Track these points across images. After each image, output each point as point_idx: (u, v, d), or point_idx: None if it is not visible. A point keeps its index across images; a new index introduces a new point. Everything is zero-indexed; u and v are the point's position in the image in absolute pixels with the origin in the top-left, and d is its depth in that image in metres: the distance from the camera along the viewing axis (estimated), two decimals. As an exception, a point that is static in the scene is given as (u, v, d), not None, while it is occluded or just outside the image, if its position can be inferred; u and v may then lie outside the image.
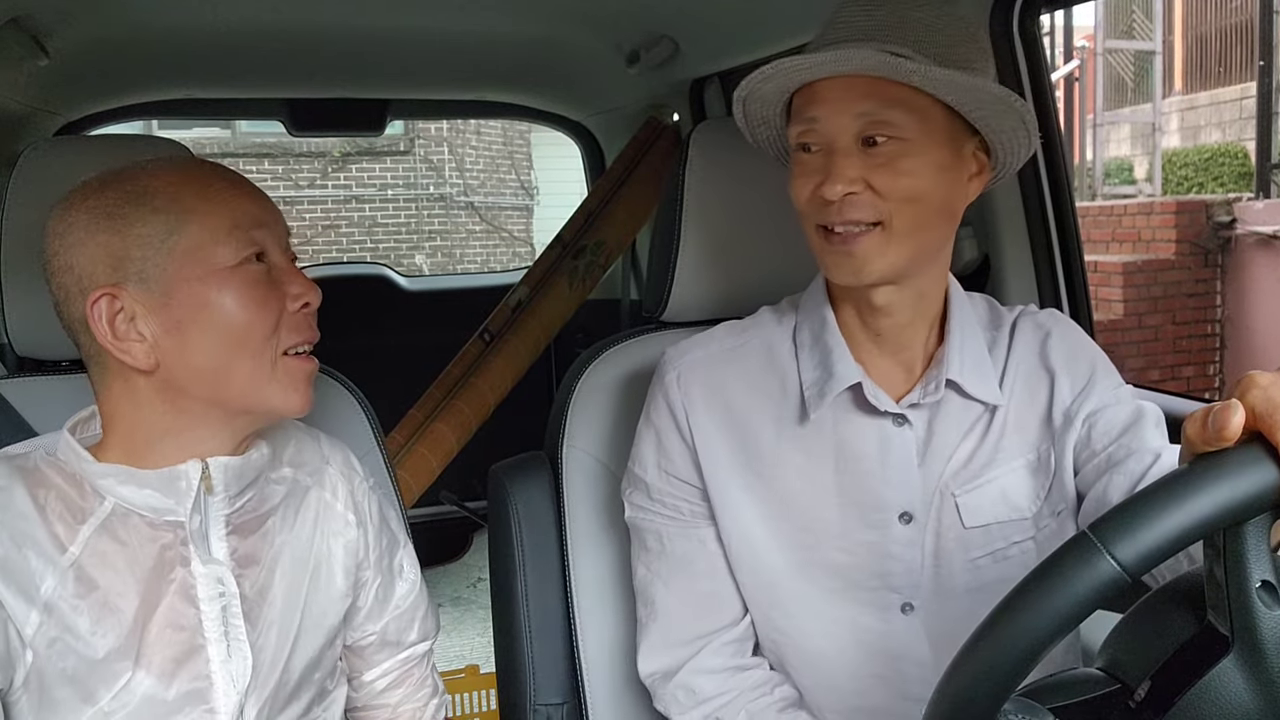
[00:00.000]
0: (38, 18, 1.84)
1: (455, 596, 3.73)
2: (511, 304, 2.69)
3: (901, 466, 1.04)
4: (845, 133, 0.96)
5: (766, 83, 0.98)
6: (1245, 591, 0.60)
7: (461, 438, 2.54)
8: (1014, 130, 1.00)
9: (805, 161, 0.99)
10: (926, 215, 0.98)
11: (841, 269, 0.98)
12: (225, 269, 0.89)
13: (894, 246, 0.97)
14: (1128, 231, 6.16)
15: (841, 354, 1.05)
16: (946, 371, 1.03)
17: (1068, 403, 1.06)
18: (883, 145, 0.95)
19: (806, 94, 0.98)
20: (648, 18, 2.17)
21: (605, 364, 1.29)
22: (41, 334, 1.16)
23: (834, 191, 0.95)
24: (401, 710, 1.17)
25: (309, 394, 0.96)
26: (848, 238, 0.97)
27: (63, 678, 0.86)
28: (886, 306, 1.03)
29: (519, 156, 10.07)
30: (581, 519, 1.24)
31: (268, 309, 0.91)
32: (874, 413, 1.04)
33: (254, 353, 0.91)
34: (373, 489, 1.11)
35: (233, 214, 0.91)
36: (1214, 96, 7.86)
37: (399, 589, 1.13)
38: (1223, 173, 7.28)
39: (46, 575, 0.86)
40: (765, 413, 1.08)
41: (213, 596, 0.92)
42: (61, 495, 0.89)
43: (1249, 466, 0.59)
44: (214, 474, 0.93)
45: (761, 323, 1.14)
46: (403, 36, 2.25)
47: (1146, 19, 7.99)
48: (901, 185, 0.95)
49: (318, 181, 8.99)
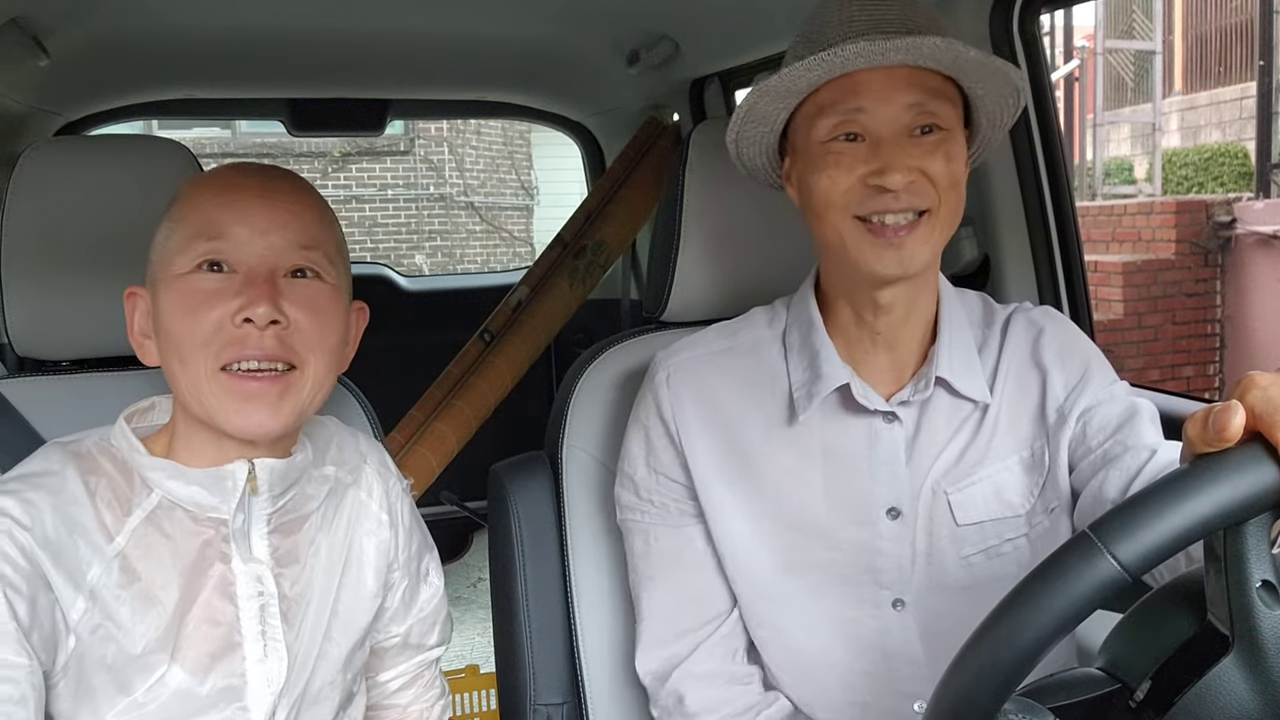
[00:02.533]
0: (38, 18, 1.84)
1: (455, 596, 3.73)
2: (511, 304, 2.69)
3: (889, 462, 1.05)
4: (895, 122, 0.97)
5: (809, 71, 0.96)
6: (1245, 591, 0.60)
7: (462, 438, 2.54)
8: (1005, 107, 1.04)
9: (845, 152, 0.98)
10: (960, 202, 1.01)
11: (886, 260, 0.98)
12: (175, 276, 0.90)
13: (937, 234, 0.99)
14: (1128, 231, 6.16)
15: (829, 355, 1.06)
16: (936, 369, 1.04)
17: (1061, 399, 1.06)
18: (933, 134, 0.98)
19: (843, 85, 0.98)
20: (648, 18, 2.16)
21: (605, 364, 1.29)
22: (41, 334, 1.16)
23: (895, 181, 0.95)
24: (410, 711, 1.18)
25: (268, 416, 0.89)
26: (897, 229, 0.97)
27: (101, 665, 0.87)
28: (890, 304, 1.03)
29: (519, 156, 10.06)
30: (581, 519, 1.24)
31: (199, 318, 0.88)
32: (863, 411, 1.05)
33: (187, 363, 0.89)
34: (405, 491, 1.11)
35: (199, 223, 0.90)
36: (1214, 96, 7.86)
37: (424, 593, 1.14)
38: (1223, 173, 7.28)
39: (93, 563, 0.87)
40: (754, 413, 1.09)
41: (251, 595, 0.93)
42: (112, 484, 0.91)
43: (1249, 466, 0.59)
44: (260, 475, 0.93)
45: (753, 324, 1.14)
46: (403, 36, 2.25)
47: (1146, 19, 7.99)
48: (951, 171, 0.98)
49: (318, 181, 8.93)
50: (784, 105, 1.03)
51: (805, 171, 1.02)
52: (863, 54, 0.93)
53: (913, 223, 0.97)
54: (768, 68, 2.27)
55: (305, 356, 0.91)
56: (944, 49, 0.93)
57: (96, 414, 0.98)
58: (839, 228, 0.99)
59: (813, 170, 1.00)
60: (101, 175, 1.17)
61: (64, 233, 1.14)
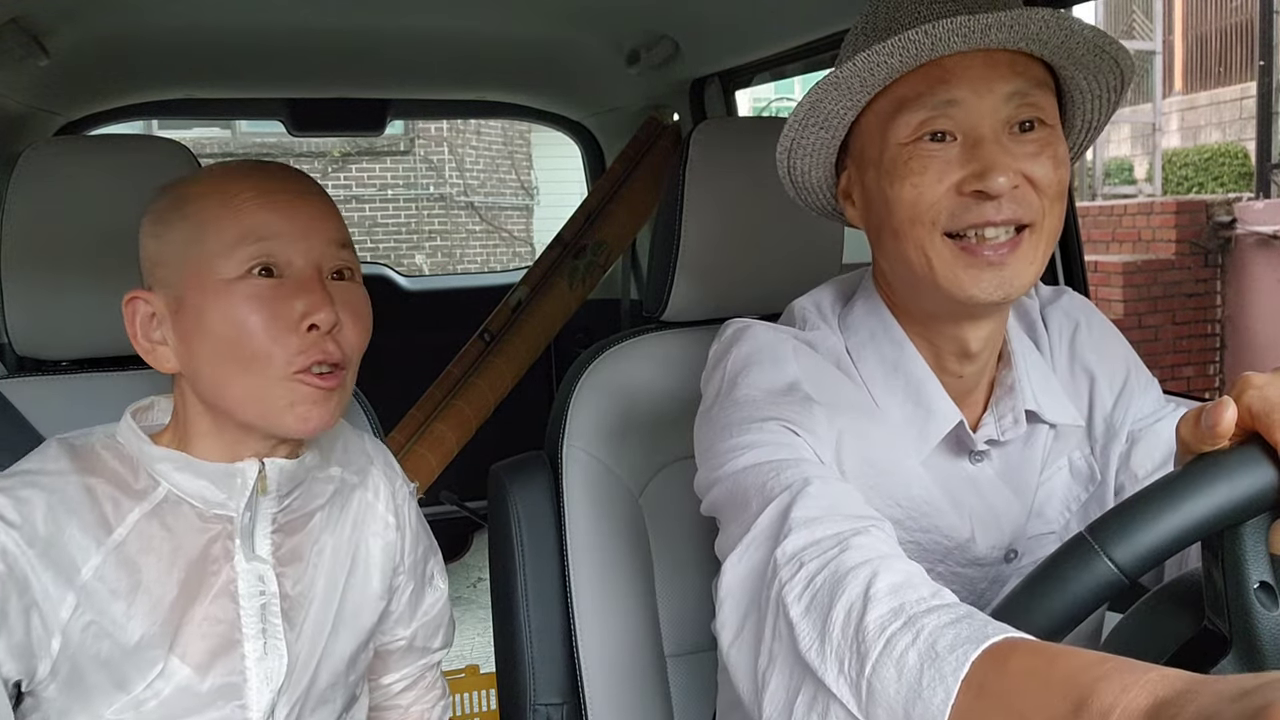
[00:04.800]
0: (38, 18, 1.84)
1: (455, 596, 3.72)
2: (511, 304, 2.69)
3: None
4: (994, 116, 0.82)
5: (892, 56, 0.80)
6: (1243, 592, 0.60)
7: (462, 438, 2.54)
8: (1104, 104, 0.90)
9: (934, 154, 0.82)
10: (1064, 214, 0.86)
11: (985, 283, 0.82)
12: (224, 282, 0.87)
13: (1041, 252, 0.84)
14: (1128, 231, 6.16)
15: (935, 387, 0.91)
16: (1023, 401, 0.93)
17: (1109, 409, 0.98)
18: (1037, 131, 0.83)
19: (931, 74, 0.82)
20: (648, 18, 2.16)
21: (605, 364, 1.29)
22: (41, 334, 1.16)
23: (999, 185, 0.80)
24: (412, 712, 1.19)
25: (324, 415, 0.90)
26: (997, 246, 0.82)
27: (96, 662, 0.86)
28: (982, 348, 0.90)
29: (519, 156, 10.06)
30: (581, 519, 1.24)
31: (266, 326, 0.87)
32: (958, 451, 0.93)
33: (251, 370, 0.87)
34: (411, 494, 1.11)
35: (243, 225, 0.88)
36: (1214, 96, 7.86)
37: (429, 597, 1.14)
38: (1223, 173, 7.28)
39: (91, 555, 0.86)
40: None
41: (253, 594, 0.93)
42: (114, 478, 0.90)
43: (1246, 467, 0.59)
44: (270, 474, 0.93)
45: (818, 334, 0.97)
46: (403, 36, 2.25)
47: (1146, 19, 7.99)
48: (1059, 176, 0.83)
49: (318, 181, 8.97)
50: (854, 103, 0.86)
51: (879, 182, 0.86)
52: (959, 31, 0.77)
53: (1013, 239, 0.82)
54: (768, 67, 2.27)
55: (351, 357, 0.93)
56: (1055, 24, 0.78)
57: (96, 414, 0.98)
58: (925, 248, 0.84)
59: (892, 178, 0.84)
60: (101, 175, 1.17)
61: (64, 233, 1.14)
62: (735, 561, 0.75)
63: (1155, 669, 0.48)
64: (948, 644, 0.56)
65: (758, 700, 0.69)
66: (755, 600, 0.73)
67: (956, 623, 0.58)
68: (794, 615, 0.66)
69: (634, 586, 1.24)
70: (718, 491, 0.85)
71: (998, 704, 0.52)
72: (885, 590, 0.63)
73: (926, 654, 0.57)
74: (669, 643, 1.25)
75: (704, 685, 1.23)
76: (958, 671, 0.55)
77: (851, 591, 0.64)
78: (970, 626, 0.57)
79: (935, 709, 0.54)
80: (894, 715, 0.57)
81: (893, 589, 0.63)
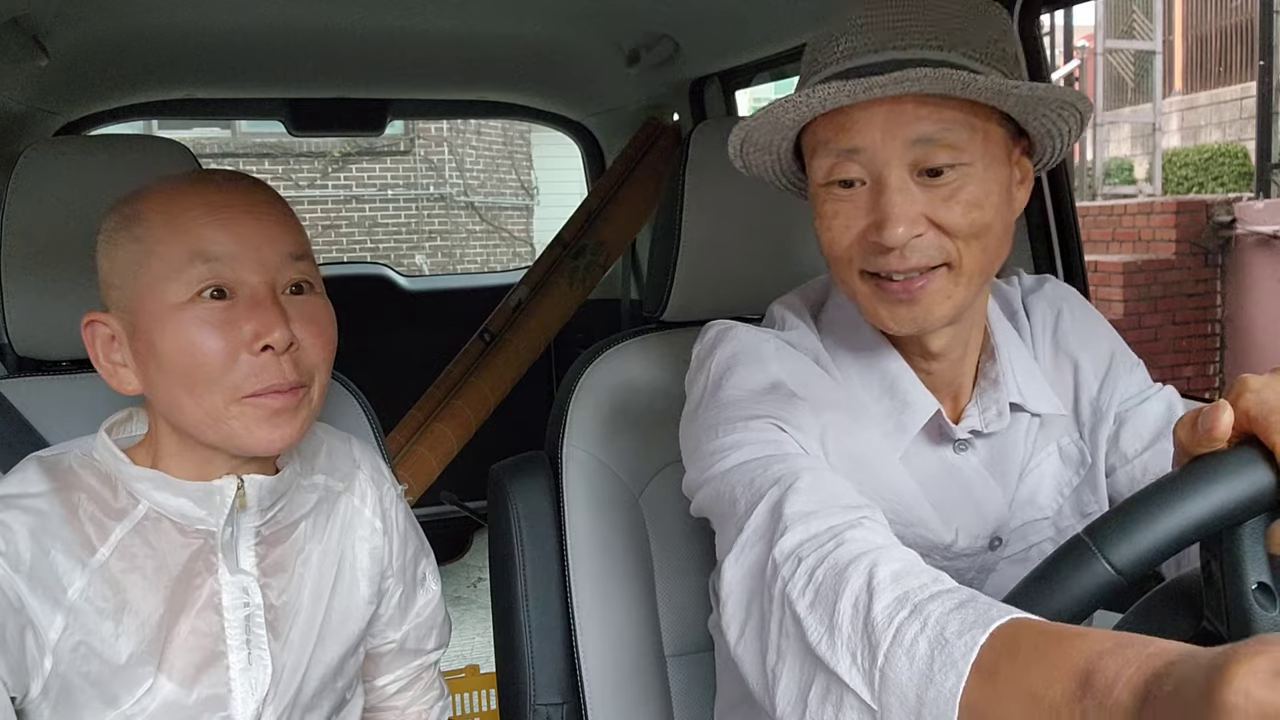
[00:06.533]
0: (38, 18, 1.84)
1: (455, 596, 3.73)
2: (511, 304, 2.70)
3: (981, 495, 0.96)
4: (898, 163, 0.81)
5: (786, 114, 0.83)
6: (1241, 593, 0.60)
7: (462, 438, 2.54)
8: (1066, 130, 0.88)
9: (843, 199, 0.85)
10: (994, 246, 0.85)
11: (901, 320, 0.86)
12: (173, 306, 0.84)
13: (961, 288, 0.85)
14: (1128, 231, 6.16)
15: (911, 380, 0.93)
16: (1007, 394, 0.95)
17: (1095, 392, 1.00)
18: (945, 175, 0.81)
19: (836, 120, 0.83)
20: (648, 18, 2.16)
21: (605, 364, 1.29)
22: (41, 334, 1.16)
23: (895, 237, 0.80)
24: (409, 712, 1.18)
25: (286, 434, 0.87)
26: (909, 285, 0.84)
27: (86, 681, 0.86)
28: (944, 350, 0.92)
29: (519, 156, 10.06)
30: (581, 519, 1.24)
31: (218, 352, 0.84)
32: (940, 440, 0.96)
33: (205, 395, 0.85)
34: (400, 496, 1.10)
35: (191, 246, 0.85)
36: (1214, 96, 7.86)
37: (420, 599, 1.14)
38: (1223, 173, 7.28)
39: (75, 577, 0.86)
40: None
41: (237, 606, 0.92)
42: (94, 496, 0.89)
43: (1243, 469, 0.59)
44: (249, 491, 0.91)
45: (797, 334, 0.99)
46: (403, 36, 2.25)
47: (1146, 19, 7.99)
48: (970, 220, 0.82)
49: (318, 181, 8.98)
50: (782, 137, 0.90)
51: (813, 211, 0.89)
52: (845, 89, 0.78)
53: (926, 276, 0.83)
54: (768, 67, 2.28)
55: (314, 373, 0.90)
56: (940, 81, 0.77)
57: (96, 414, 0.98)
58: (849, 282, 0.88)
59: (816, 216, 0.88)
60: (101, 175, 1.17)
61: (64, 233, 1.14)
62: (733, 561, 0.77)
63: (1155, 642, 0.50)
64: (955, 629, 0.58)
65: (769, 695, 0.70)
66: (757, 597, 0.74)
67: (961, 607, 0.60)
68: (800, 610, 0.68)
69: (634, 587, 1.24)
70: (707, 492, 0.88)
71: (1007, 684, 0.55)
72: (888, 579, 0.65)
73: (936, 640, 0.59)
74: (669, 643, 1.25)
75: (704, 685, 1.23)
76: (968, 655, 0.57)
77: (855, 583, 0.66)
78: (975, 610, 0.59)
79: (947, 692, 0.57)
80: (906, 701, 0.59)
81: (894, 577, 0.65)
